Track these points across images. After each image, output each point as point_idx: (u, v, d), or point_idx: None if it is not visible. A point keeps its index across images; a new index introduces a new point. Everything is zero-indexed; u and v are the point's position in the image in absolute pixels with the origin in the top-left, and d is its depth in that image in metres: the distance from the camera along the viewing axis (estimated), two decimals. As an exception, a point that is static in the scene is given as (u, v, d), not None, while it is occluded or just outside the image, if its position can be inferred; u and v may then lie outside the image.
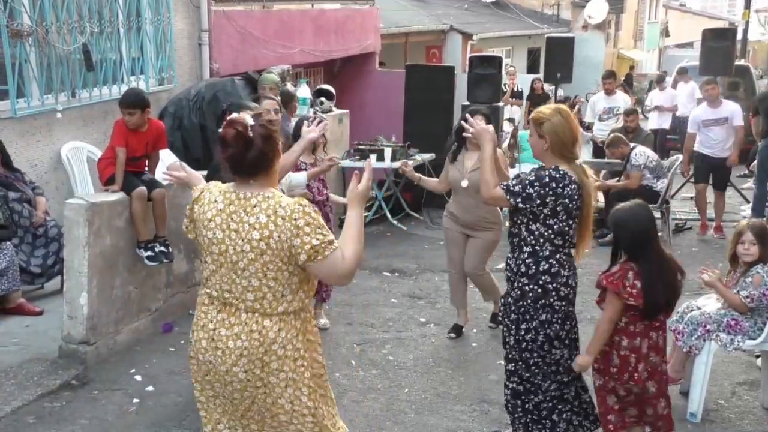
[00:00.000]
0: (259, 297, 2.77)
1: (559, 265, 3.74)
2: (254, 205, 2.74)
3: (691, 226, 9.50)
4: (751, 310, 4.51)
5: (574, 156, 3.78)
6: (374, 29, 14.36)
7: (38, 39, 6.61)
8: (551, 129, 3.71)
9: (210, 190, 2.90)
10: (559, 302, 3.75)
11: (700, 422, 4.54)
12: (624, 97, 11.62)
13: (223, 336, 2.80)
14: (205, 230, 2.82)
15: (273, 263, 2.72)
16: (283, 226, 2.69)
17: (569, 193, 3.67)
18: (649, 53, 37.00)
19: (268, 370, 2.78)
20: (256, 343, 2.76)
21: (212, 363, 2.83)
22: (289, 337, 2.80)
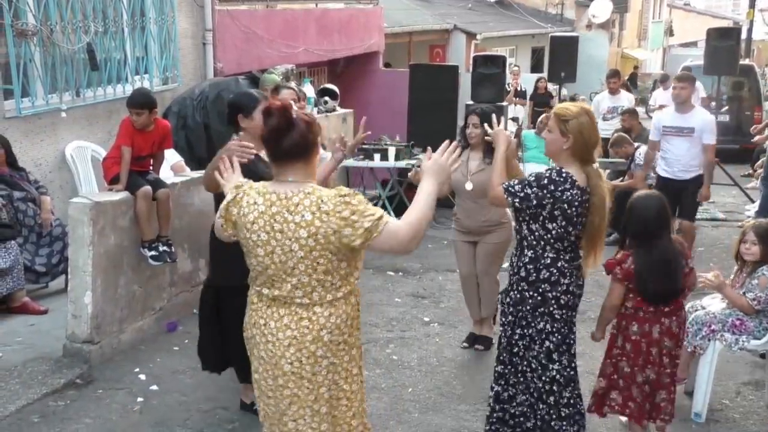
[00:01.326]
0: (308, 292, 2.80)
1: (560, 273, 3.67)
2: (297, 203, 2.73)
3: (696, 226, 9.46)
4: (758, 312, 4.50)
5: (592, 159, 3.68)
6: (378, 29, 14.36)
7: (43, 38, 6.62)
8: (577, 128, 3.60)
9: (247, 192, 2.87)
10: (559, 311, 3.69)
11: (704, 422, 4.53)
12: (628, 97, 11.59)
13: (273, 328, 2.84)
14: (249, 233, 2.82)
15: (323, 257, 2.75)
16: (329, 220, 2.69)
17: (568, 198, 3.57)
18: (653, 53, 36.97)
19: (314, 359, 2.82)
20: (305, 330, 2.81)
21: (263, 359, 2.88)
22: (338, 322, 2.85)
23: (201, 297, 4.54)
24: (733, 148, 14.08)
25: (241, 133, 4.24)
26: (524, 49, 24.10)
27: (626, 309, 4.00)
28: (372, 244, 2.73)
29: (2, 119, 6.34)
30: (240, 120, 4.21)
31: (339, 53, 12.93)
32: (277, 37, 10.58)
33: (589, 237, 3.67)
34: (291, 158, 2.79)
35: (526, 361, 3.78)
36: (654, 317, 3.94)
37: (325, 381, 2.87)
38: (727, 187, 11.31)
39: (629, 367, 3.99)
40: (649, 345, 3.94)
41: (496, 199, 3.79)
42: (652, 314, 3.94)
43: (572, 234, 3.64)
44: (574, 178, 3.59)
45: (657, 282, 3.90)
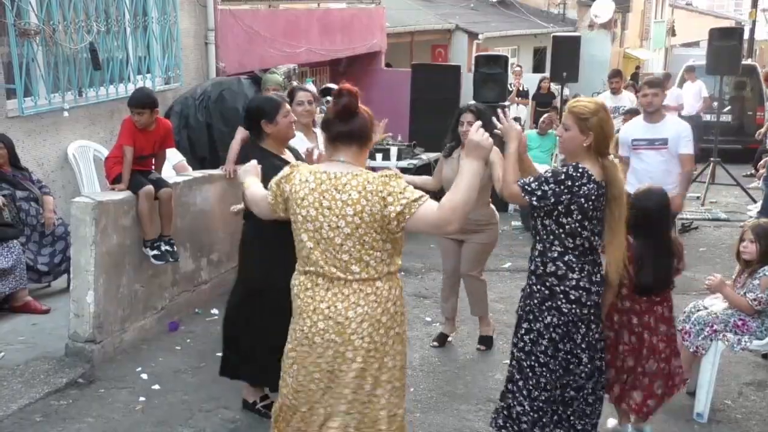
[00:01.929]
0: (363, 267, 2.95)
1: (567, 267, 3.64)
2: (345, 183, 2.91)
3: (698, 226, 9.47)
4: (759, 312, 4.50)
5: (609, 152, 3.69)
6: (380, 28, 14.37)
7: (45, 38, 6.63)
8: (598, 124, 3.60)
9: (300, 171, 3.03)
10: (568, 305, 3.65)
11: (706, 422, 4.53)
12: (630, 96, 11.57)
13: (341, 308, 2.96)
14: (299, 208, 2.97)
15: (368, 234, 2.90)
16: (373, 200, 2.87)
17: (586, 192, 3.55)
18: (655, 52, 36.90)
19: (384, 330, 3.01)
20: (374, 305, 2.97)
21: (334, 340, 2.97)
22: (397, 294, 3.07)
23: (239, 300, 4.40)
24: (736, 149, 14.08)
25: (266, 138, 4.19)
26: (526, 49, 24.09)
27: (623, 304, 4.05)
28: (407, 225, 2.90)
29: (5, 118, 6.35)
30: (264, 126, 4.15)
31: (341, 53, 12.94)
32: (280, 37, 10.59)
33: (610, 229, 3.65)
34: (349, 140, 3.00)
35: (534, 356, 3.72)
36: (649, 308, 4.09)
37: (390, 351, 3.05)
38: (729, 187, 11.32)
39: (633, 360, 4.08)
40: (651, 335, 4.08)
41: (512, 197, 3.75)
42: (647, 305, 4.08)
43: (587, 229, 3.61)
44: (590, 172, 3.58)
45: (648, 273, 4.00)
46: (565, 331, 3.67)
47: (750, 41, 22.99)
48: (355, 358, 2.98)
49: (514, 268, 7.34)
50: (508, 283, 7.14)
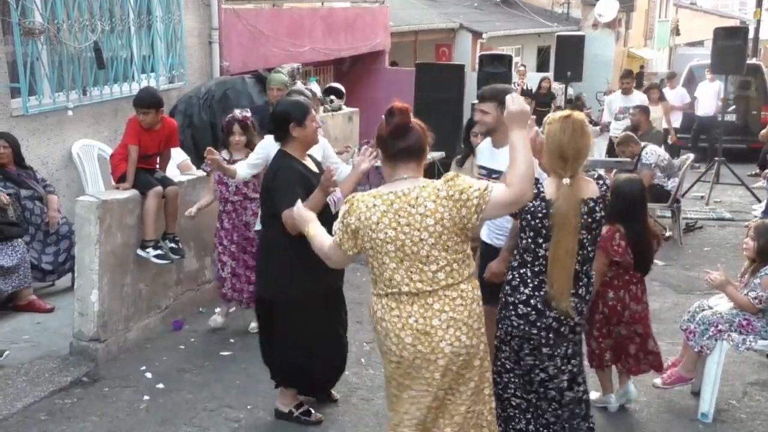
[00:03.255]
0: (448, 272, 3.01)
1: (521, 280, 3.53)
2: (416, 196, 2.98)
3: (702, 226, 9.45)
4: (763, 312, 4.49)
5: (562, 172, 3.41)
6: (384, 27, 14.37)
7: (50, 37, 6.64)
8: (546, 135, 3.47)
9: (362, 200, 3.06)
10: (517, 319, 3.53)
11: (711, 422, 4.52)
12: (641, 97, 11.54)
13: (427, 318, 3.01)
14: (374, 233, 3.00)
15: (451, 239, 2.98)
16: (448, 204, 2.96)
17: (531, 209, 3.44)
18: (659, 52, 36.84)
19: (472, 332, 3.06)
20: (461, 308, 3.03)
21: (420, 351, 3.02)
22: (479, 294, 3.13)
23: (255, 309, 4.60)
24: (740, 148, 14.03)
25: (291, 143, 4.15)
26: (530, 48, 24.06)
27: (605, 278, 4.33)
28: (485, 214, 2.99)
29: (9, 117, 6.36)
30: (292, 129, 4.10)
31: (345, 52, 12.93)
32: (283, 36, 10.59)
33: (551, 255, 3.42)
34: (408, 156, 3.05)
35: (500, 360, 3.68)
36: (625, 285, 4.37)
37: (479, 352, 3.11)
38: (734, 187, 11.29)
39: (605, 327, 4.43)
40: (623, 308, 4.38)
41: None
42: (624, 282, 4.37)
43: (543, 248, 3.46)
44: (541, 188, 3.43)
45: (648, 252, 4.39)
46: (519, 344, 3.58)
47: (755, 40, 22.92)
48: (449, 366, 3.04)
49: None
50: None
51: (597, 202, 3.48)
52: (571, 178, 3.38)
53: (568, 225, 3.37)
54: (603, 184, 3.55)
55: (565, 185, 3.38)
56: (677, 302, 6.56)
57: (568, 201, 3.37)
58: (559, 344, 3.55)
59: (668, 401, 4.79)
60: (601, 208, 3.50)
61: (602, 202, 3.51)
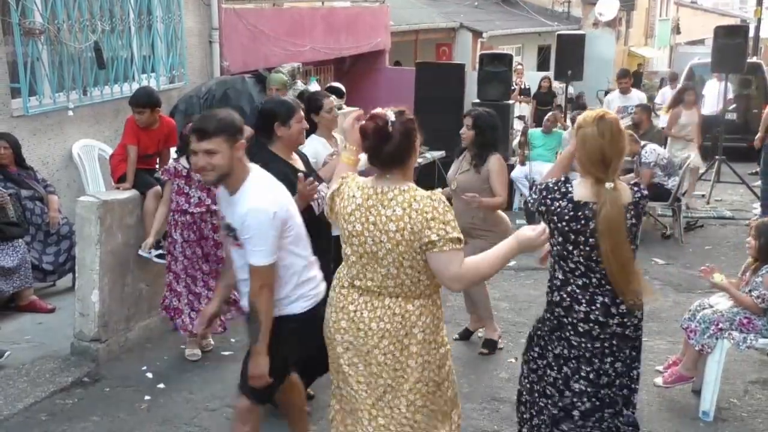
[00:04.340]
0: (398, 283, 2.95)
1: (572, 298, 3.32)
2: (391, 198, 2.92)
3: (703, 224, 9.45)
4: (764, 311, 4.49)
5: (604, 177, 3.21)
6: (384, 27, 14.37)
7: (50, 37, 6.64)
8: (581, 139, 3.28)
9: (348, 185, 3.06)
10: (576, 338, 3.35)
11: (712, 421, 4.52)
12: (639, 96, 11.55)
13: (366, 317, 2.99)
14: (346, 223, 3.00)
15: (408, 253, 2.89)
16: (416, 218, 2.85)
17: (556, 210, 3.27)
18: (660, 50, 36.85)
19: (407, 353, 2.98)
20: (398, 326, 2.96)
21: (352, 343, 3.02)
22: (427, 321, 3.00)
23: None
24: (741, 146, 14.02)
25: (276, 142, 4.17)
26: (531, 47, 24.06)
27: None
28: (429, 256, 2.87)
29: (10, 118, 6.36)
30: (276, 128, 4.12)
31: (345, 51, 12.94)
32: (284, 36, 10.59)
33: (607, 267, 3.24)
34: (387, 166, 2.97)
35: (543, 382, 3.48)
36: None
37: (421, 377, 3.01)
38: (734, 185, 11.28)
39: None
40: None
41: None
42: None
43: (575, 254, 3.28)
44: (569, 188, 3.28)
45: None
46: (576, 366, 3.38)
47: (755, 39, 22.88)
48: (381, 374, 3.00)
49: (518, 267, 7.32)
50: (513, 281, 7.13)
51: (629, 208, 3.28)
52: (613, 181, 3.21)
53: (621, 230, 3.18)
54: (639, 190, 3.34)
55: (609, 190, 3.19)
56: (678, 301, 6.56)
57: (615, 206, 3.18)
58: (623, 348, 3.39)
59: (669, 400, 4.79)
60: (632, 215, 3.28)
61: (634, 208, 3.29)
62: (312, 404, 4.54)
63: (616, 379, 3.43)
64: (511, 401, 4.34)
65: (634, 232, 3.30)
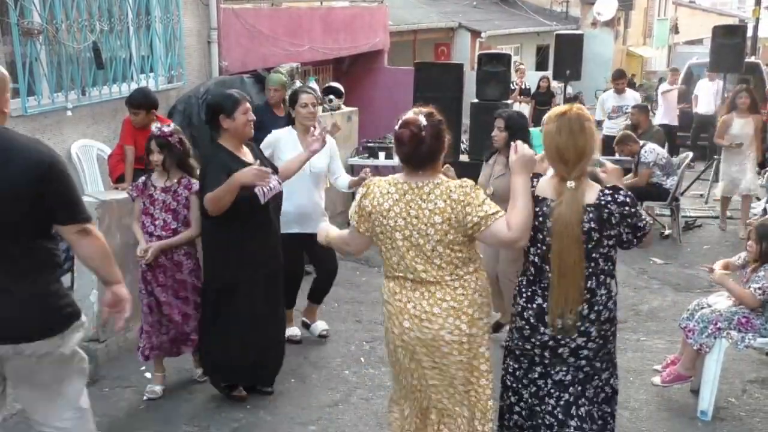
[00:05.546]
0: (453, 268, 3.11)
1: (518, 289, 3.28)
2: (428, 192, 3.08)
3: (701, 224, 9.46)
4: (762, 305, 4.48)
5: (565, 175, 3.08)
6: (383, 27, 14.36)
7: (48, 37, 6.63)
8: (544, 135, 3.19)
9: (378, 185, 3.20)
10: (514, 332, 3.28)
11: (710, 420, 4.53)
12: (634, 95, 11.56)
13: (426, 306, 3.12)
14: (386, 219, 3.13)
15: (456, 239, 3.07)
16: (457, 208, 3.04)
17: None
18: (658, 50, 36.86)
19: (472, 321, 3.14)
20: (461, 297, 3.12)
21: (419, 338, 3.14)
22: (485, 284, 3.22)
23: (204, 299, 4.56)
24: (739, 146, 14.02)
25: (223, 134, 4.28)
26: (529, 46, 24.07)
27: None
28: (479, 236, 3.08)
29: (8, 118, 6.33)
30: (222, 120, 4.25)
31: (344, 51, 12.92)
32: (282, 36, 10.58)
33: (552, 267, 3.09)
34: (420, 167, 3.12)
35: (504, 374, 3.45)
36: None
37: (483, 341, 3.19)
38: (733, 185, 11.28)
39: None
40: None
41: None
42: None
43: (531, 252, 3.19)
44: (534, 183, 3.18)
45: None
46: (507, 361, 3.35)
47: (753, 39, 22.92)
48: (452, 352, 3.14)
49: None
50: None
51: (588, 210, 3.06)
52: (576, 180, 3.07)
53: (570, 233, 3.02)
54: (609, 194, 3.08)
55: (569, 189, 3.05)
56: (676, 300, 6.57)
57: (570, 206, 3.03)
58: (555, 365, 3.19)
59: (667, 399, 4.80)
60: (590, 219, 3.05)
61: (595, 211, 3.05)
62: (311, 404, 4.54)
63: (547, 398, 3.21)
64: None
65: (596, 238, 3.06)
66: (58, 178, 2.92)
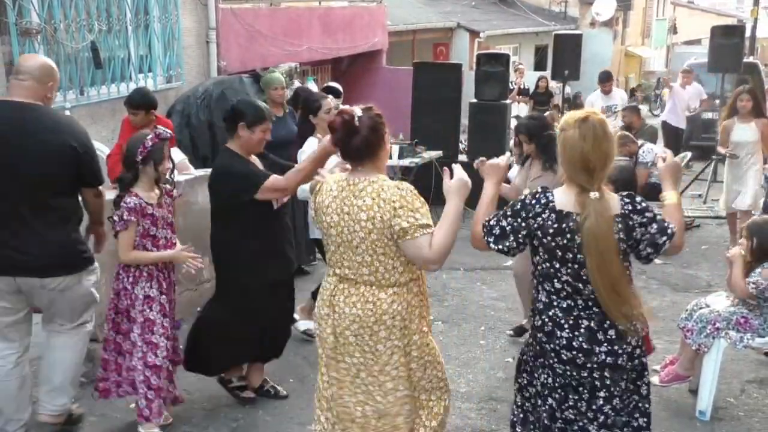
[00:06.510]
0: (372, 271, 3.08)
1: (554, 323, 2.97)
2: (361, 189, 3.06)
3: (700, 224, 9.47)
4: (753, 297, 4.48)
5: (588, 185, 2.86)
6: (381, 27, 14.38)
7: (47, 37, 6.64)
8: (562, 143, 2.95)
9: (327, 183, 3.22)
10: (562, 366, 2.98)
11: (709, 420, 4.53)
12: (621, 95, 11.59)
13: (341, 302, 3.15)
14: (324, 216, 3.16)
15: (380, 240, 3.02)
16: (384, 207, 2.99)
17: (541, 224, 2.91)
18: (656, 50, 36.90)
19: (376, 338, 3.11)
20: (369, 312, 3.09)
21: (333, 327, 3.17)
22: (399, 309, 3.11)
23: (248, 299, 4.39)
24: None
25: (235, 140, 4.25)
26: (528, 46, 24.08)
27: None
28: (402, 245, 3.01)
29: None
30: (240, 128, 4.20)
31: (343, 51, 12.94)
32: (281, 36, 10.59)
33: (594, 287, 2.87)
34: (356, 159, 3.13)
35: (537, 413, 3.15)
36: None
37: (390, 360, 3.14)
38: (731, 185, 11.29)
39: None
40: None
41: (476, 242, 3.09)
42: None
43: (562, 273, 2.93)
44: (550, 198, 2.93)
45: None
46: (563, 395, 3.01)
47: (751, 39, 22.98)
48: (353, 353, 3.16)
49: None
50: (510, 281, 7.12)
51: (617, 221, 2.88)
52: (599, 190, 2.86)
53: (606, 245, 2.81)
54: (630, 202, 2.93)
55: (594, 200, 2.83)
56: (675, 300, 6.57)
57: (601, 217, 2.81)
58: (617, 380, 2.98)
59: (666, 399, 4.80)
60: (620, 229, 2.88)
61: (622, 221, 2.89)
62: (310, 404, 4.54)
63: (615, 418, 3.02)
64: (508, 400, 4.34)
65: (624, 248, 2.90)
66: (89, 150, 3.79)
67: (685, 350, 4.75)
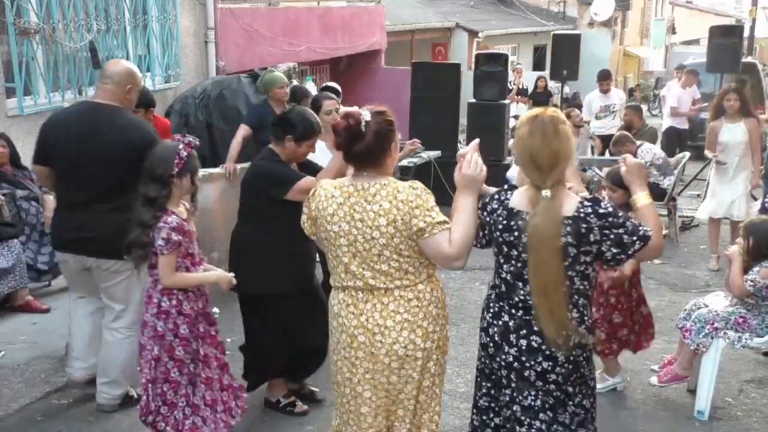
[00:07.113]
0: (403, 274, 2.95)
1: (485, 305, 3.03)
2: (374, 193, 2.91)
3: (698, 224, 9.46)
4: (751, 296, 4.49)
5: (540, 183, 2.77)
6: (380, 27, 14.38)
7: (45, 37, 6.63)
8: (515, 140, 2.92)
9: (324, 187, 3.03)
10: (480, 350, 3.05)
11: (707, 420, 4.53)
12: (619, 94, 11.58)
13: (378, 319, 2.96)
14: (329, 225, 2.97)
15: (404, 243, 2.90)
16: (404, 209, 2.86)
17: (493, 219, 2.91)
18: (655, 50, 36.91)
19: (426, 334, 2.99)
20: (416, 309, 2.97)
21: (372, 353, 2.98)
22: (439, 295, 3.07)
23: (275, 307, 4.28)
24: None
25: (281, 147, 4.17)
26: (526, 46, 24.09)
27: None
28: (421, 243, 2.89)
29: (5, 117, 6.35)
30: (287, 140, 4.11)
31: (341, 51, 12.94)
32: (280, 36, 10.59)
33: (531, 285, 2.81)
34: (359, 164, 2.97)
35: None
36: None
37: (432, 355, 3.04)
38: (729, 185, 11.28)
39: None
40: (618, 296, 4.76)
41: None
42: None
43: (504, 269, 2.92)
44: (508, 195, 2.92)
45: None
46: (479, 379, 3.10)
47: (750, 39, 23.00)
48: (402, 366, 2.99)
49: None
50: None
51: (566, 222, 2.75)
52: (552, 188, 2.76)
53: (548, 246, 2.72)
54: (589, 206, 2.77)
55: (545, 198, 2.74)
56: (673, 300, 6.57)
57: (547, 216, 2.73)
58: (522, 389, 2.90)
59: (664, 399, 4.80)
60: (568, 232, 2.74)
61: (573, 224, 2.75)
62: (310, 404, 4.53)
63: (518, 427, 2.94)
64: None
65: (574, 253, 2.77)
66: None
67: (684, 350, 4.75)
